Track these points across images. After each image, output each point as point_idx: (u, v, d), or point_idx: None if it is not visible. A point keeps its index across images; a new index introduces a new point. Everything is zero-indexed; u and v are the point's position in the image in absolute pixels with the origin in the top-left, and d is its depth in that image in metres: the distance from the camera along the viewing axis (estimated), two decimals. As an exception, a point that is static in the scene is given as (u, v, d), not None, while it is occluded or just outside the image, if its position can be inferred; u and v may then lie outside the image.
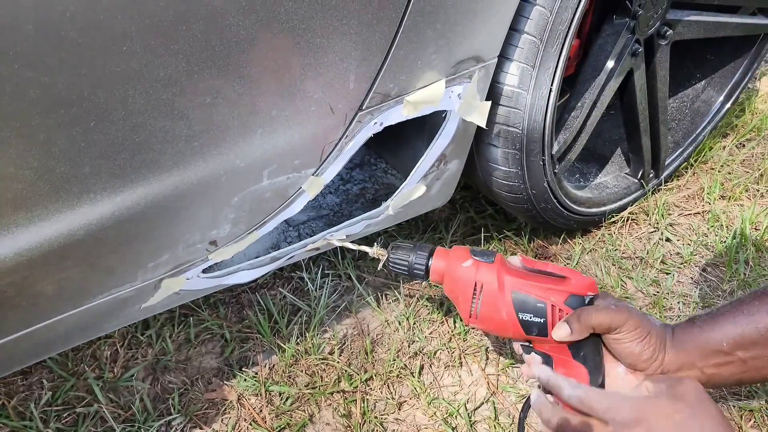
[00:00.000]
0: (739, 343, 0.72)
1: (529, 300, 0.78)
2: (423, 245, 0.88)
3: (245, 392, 1.11)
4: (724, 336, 0.73)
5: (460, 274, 0.82)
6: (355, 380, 1.12)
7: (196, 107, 0.68)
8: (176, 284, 0.87)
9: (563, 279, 0.79)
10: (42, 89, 0.56)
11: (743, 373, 0.74)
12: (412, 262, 0.87)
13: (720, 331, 0.73)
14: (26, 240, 0.65)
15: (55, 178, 0.63)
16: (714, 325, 0.74)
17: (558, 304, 0.77)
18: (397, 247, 0.90)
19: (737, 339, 0.72)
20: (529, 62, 0.98)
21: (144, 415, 1.07)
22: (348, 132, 0.85)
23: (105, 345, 1.18)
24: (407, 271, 0.88)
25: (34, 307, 0.75)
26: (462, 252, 0.85)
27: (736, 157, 1.68)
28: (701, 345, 0.74)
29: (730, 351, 0.72)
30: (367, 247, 0.94)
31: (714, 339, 0.73)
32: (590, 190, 1.43)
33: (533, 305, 0.78)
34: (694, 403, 0.66)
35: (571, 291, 0.77)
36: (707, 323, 0.75)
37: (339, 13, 0.72)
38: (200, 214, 0.79)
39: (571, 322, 0.76)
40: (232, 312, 1.26)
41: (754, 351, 0.72)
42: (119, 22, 0.57)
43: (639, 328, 0.74)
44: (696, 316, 0.78)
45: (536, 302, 0.77)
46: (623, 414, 0.67)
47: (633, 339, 0.74)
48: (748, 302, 0.74)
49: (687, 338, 0.75)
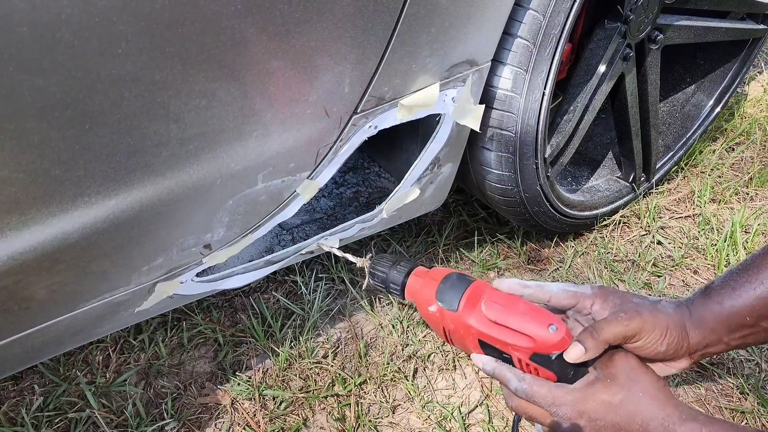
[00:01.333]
0: (763, 314, 0.69)
1: (496, 349, 0.74)
2: (404, 262, 0.83)
3: (239, 396, 1.11)
4: (746, 309, 0.70)
5: (427, 313, 0.78)
6: (349, 384, 1.12)
7: (191, 110, 0.68)
8: (170, 288, 0.86)
9: (528, 337, 0.72)
10: (37, 91, 0.56)
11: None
12: (389, 277, 0.82)
13: (741, 303, 0.70)
14: (19, 243, 0.65)
15: (49, 181, 0.62)
16: (734, 298, 0.70)
17: (523, 359, 0.73)
18: (378, 259, 0.85)
19: (760, 311, 0.69)
20: (522, 66, 0.99)
21: (137, 420, 1.06)
22: (343, 135, 0.85)
23: (97, 350, 1.17)
24: (384, 286, 0.83)
25: (26, 311, 0.74)
26: (431, 284, 0.77)
27: (726, 161, 1.69)
28: (724, 321, 0.71)
29: (755, 323, 0.70)
30: (353, 257, 0.91)
31: (737, 314, 0.70)
32: (582, 193, 1.43)
33: (500, 354, 0.74)
34: (626, 383, 0.66)
35: (534, 350, 0.71)
36: (726, 296, 0.71)
37: (334, 16, 0.72)
38: (195, 218, 0.79)
39: (584, 341, 0.70)
40: (225, 316, 1.26)
41: None
42: (114, 25, 0.57)
43: (656, 329, 0.70)
44: (711, 288, 0.73)
45: (502, 353, 0.74)
46: (565, 410, 0.68)
47: (654, 342, 0.70)
48: (761, 267, 0.70)
49: (708, 316, 0.71)
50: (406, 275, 0.81)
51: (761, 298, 0.69)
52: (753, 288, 0.70)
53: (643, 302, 0.74)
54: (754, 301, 0.69)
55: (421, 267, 0.82)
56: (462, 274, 0.78)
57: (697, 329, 0.71)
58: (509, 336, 0.71)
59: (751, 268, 0.71)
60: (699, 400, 1.11)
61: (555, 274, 1.36)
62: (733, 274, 0.72)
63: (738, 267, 0.73)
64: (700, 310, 0.72)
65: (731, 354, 1.19)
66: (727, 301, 0.71)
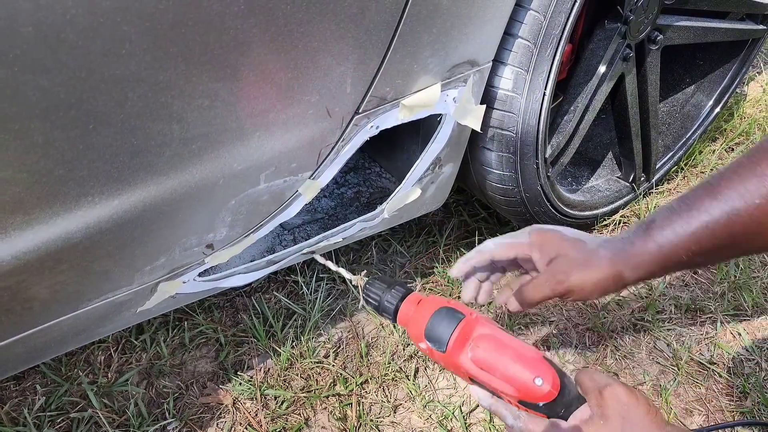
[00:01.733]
0: (697, 251, 0.68)
1: (486, 389, 0.75)
2: (399, 286, 0.82)
3: (240, 396, 1.11)
4: (683, 248, 0.68)
5: (417, 346, 0.79)
6: (350, 383, 1.12)
7: (194, 110, 0.68)
8: (172, 288, 0.87)
9: (515, 387, 0.72)
10: (41, 92, 0.56)
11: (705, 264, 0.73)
12: (383, 300, 0.81)
13: (678, 242, 0.68)
14: (23, 243, 0.65)
15: (53, 181, 0.63)
16: (672, 237, 0.68)
17: (513, 402, 0.73)
18: (373, 281, 0.84)
19: (695, 249, 0.68)
20: (523, 66, 0.99)
21: (139, 419, 1.06)
22: (344, 135, 0.86)
23: (99, 350, 1.18)
24: (377, 307, 0.83)
25: (29, 311, 0.74)
26: (420, 321, 0.76)
27: (726, 161, 1.69)
28: (661, 261, 0.70)
29: (690, 260, 0.69)
30: (348, 273, 0.90)
31: (674, 254, 0.69)
32: (582, 193, 1.44)
33: (491, 391, 0.75)
34: (618, 422, 0.65)
35: (520, 399, 0.72)
36: (665, 236, 0.69)
37: (336, 17, 0.72)
38: (197, 218, 0.79)
39: (511, 305, 0.81)
40: (226, 316, 1.26)
41: (710, 257, 0.69)
42: (118, 26, 0.57)
43: (586, 288, 0.72)
44: (651, 227, 0.70)
45: (492, 392, 0.75)
46: None
47: (586, 296, 0.73)
48: (698, 200, 0.67)
49: (646, 259, 0.70)
50: (400, 300, 0.80)
51: (696, 233, 0.67)
52: (689, 224, 0.67)
53: (577, 257, 0.74)
54: (690, 238, 0.67)
55: (414, 293, 0.82)
56: (451, 310, 0.76)
57: (633, 271, 0.71)
58: (496, 382, 0.72)
59: (689, 200, 0.68)
60: (699, 399, 1.12)
61: (555, 273, 1.36)
62: (674, 210, 0.70)
63: (677, 201, 0.70)
64: (639, 253, 0.71)
65: (732, 353, 1.19)
66: (666, 242, 0.69)
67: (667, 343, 1.22)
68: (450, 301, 0.78)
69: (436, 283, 1.33)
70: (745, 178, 0.62)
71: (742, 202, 0.62)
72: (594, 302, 1.30)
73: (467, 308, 0.77)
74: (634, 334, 1.24)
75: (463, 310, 0.76)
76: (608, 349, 1.21)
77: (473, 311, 0.77)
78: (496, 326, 0.76)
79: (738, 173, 0.63)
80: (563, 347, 1.21)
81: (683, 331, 1.24)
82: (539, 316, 1.27)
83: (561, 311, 1.29)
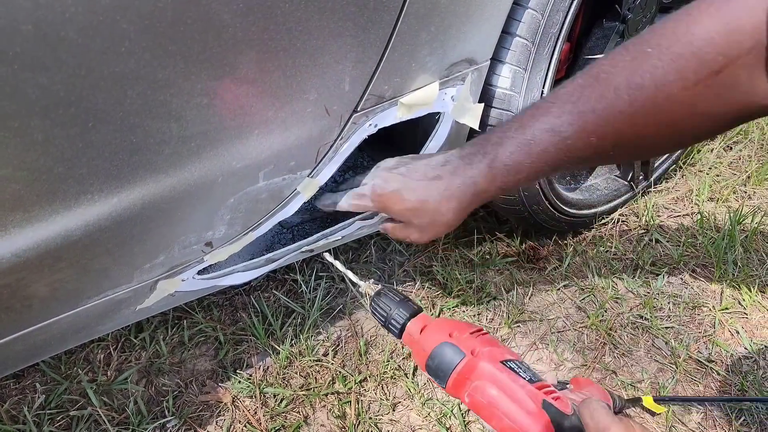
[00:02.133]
0: (532, 178, 0.73)
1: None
2: (409, 303, 0.81)
3: (240, 394, 1.11)
4: (522, 182, 0.73)
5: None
6: (349, 381, 1.12)
7: (192, 108, 0.68)
8: (172, 286, 0.87)
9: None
10: (40, 90, 0.57)
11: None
12: (391, 315, 0.80)
13: (519, 179, 0.72)
14: (23, 241, 0.65)
15: (52, 179, 0.63)
16: (513, 175, 0.72)
17: None
18: (385, 293, 0.83)
19: (525, 182, 0.73)
20: (521, 65, 0.99)
21: (138, 417, 1.06)
22: (343, 133, 0.86)
23: (98, 348, 1.18)
24: (383, 322, 0.81)
25: (28, 309, 0.75)
26: (422, 354, 0.74)
27: (724, 160, 1.70)
28: (501, 191, 0.76)
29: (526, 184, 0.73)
30: (358, 279, 0.88)
31: (514, 186, 0.74)
32: (581, 192, 1.44)
33: None
34: None
35: None
36: (509, 175, 0.73)
37: (335, 15, 0.72)
38: (196, 215, 0.79)
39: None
40: (225, 314, 1.26)
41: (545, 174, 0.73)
42: (117, 24, 0.57)
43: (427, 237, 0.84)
44: (494, 166, 0.74)
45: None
46: None
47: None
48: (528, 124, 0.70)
49: (492, 192, 0.76)
50: (407, 319, 0.79)
51: (533, 164, 0.70)
52: (528, 153, 0.70)
53: (421, 223, 0.81)
54: (528, 175, 0.71)
55: (422, 315, 0.79)
56: (453, 348, 0.73)
57: (480, 202, 0.78)
58: (494, 422, 0.70)
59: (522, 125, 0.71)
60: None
61: (554, 272, 1.37)
62: (510, 137, 0.72)
63: (511, 129, 0.72)
64: (485, 188, 0.75)
65: (730, 351, 1.20)
66: (510, 181, 0.73)
67: (665, 341, 1.22)
68: (455, 328, 0.75)
69: (434, 281, 1.33)
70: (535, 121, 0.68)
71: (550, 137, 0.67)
72: (593, 301, 1.31)
73: (471, 340, 0.74)
74: (632, 332, 1.24)
75: (465, 345, 0.73)
76: (607, 347, 1.21)
77: (476, 345, 0.73)
78: (499, 362, 0.72)
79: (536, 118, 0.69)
80: (562, 345, 1.21)
81: (681, 330, 1.24)
82: (537, 314, 1.27)
83: (559, 309, 1.29)
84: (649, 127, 0.61)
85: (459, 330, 0.74)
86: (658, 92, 0.58)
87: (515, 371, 0.71)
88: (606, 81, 0.62)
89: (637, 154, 0.66)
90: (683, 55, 0.56)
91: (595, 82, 0.63)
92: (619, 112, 0.61)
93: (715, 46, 0.54)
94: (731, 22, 0.53)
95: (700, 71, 0.56)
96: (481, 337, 0.74)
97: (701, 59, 0.55)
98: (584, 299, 1.31)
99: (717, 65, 0.55)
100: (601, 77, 0.62)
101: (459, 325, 0.76)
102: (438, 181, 0.78)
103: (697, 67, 0.56)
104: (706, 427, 1.07)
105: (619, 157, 0.73)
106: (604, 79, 0.62)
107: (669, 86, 0.58)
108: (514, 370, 0.71)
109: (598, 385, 0.92)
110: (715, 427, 1.07)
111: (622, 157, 0.71)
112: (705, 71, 0.55)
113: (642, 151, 0.67)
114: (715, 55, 0.54)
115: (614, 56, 0.62)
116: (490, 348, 0.72)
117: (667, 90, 0.58)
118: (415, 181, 0.80)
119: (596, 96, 0.62)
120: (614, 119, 0.62)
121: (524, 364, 0.73)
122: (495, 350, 0.72)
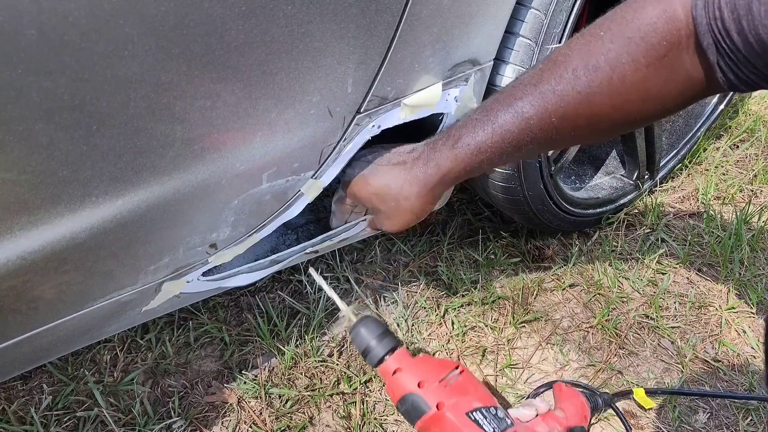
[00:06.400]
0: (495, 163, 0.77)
1: None
2: (389, 339, 0.77)
3: (245, 395, 1.11)
4: (485, 168, 0.78)
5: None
6: (354, 382, 1.12)
7: (196, 111, 0.68)
8: (176, 287, 0.87)
9: None
10: (44, 93, 0.57)
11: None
12: (370, 347, 0.77)
13: (482, 161, 0.76)
14: (28, 243, 0.66)
15: (57, 182, 0.63)
16: (477, 156, 0.76)
17: None
18: (365, 324, 0.78)
19: (486, 167, 0.78)
20: (524, 65, 0.99)
21: (144, 418, 1.07)
22: (346, 135, 0.86)
23: (104, 349, 1.18)
24: (362, 351, 0.79)
25: (34, 311, 0.75)
26: (393, 397, 0.74)
27: (730, 158, 1.69)
28: (463, 177, 0.80)
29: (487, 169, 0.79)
30: (342, 303, 0.83)
31: (477, 171, 0.79)
32: (586, 191, 1.44)
33: None
34: None
35: None
36: (471, 159, 0.76)
37: (337, 17, 0.72)
38: (200, 217, 0.80)
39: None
40: (231, 315, 1.27)
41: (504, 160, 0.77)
42: (121, 27, 0.58)
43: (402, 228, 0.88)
44: (457, 152, 0.77)
45: None
46: None
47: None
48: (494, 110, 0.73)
49: (453, 178, 0.80)
50: (387, 353, 0.76)
51: (493, 145, 0.74)
52: (490, 136, 0.73)
53: (387, 210, 0.85)
54: (491, 156, 0.75)
55: (400, 352, 0.76)
56: (418, 400, 0.71)
57: (444, 188, 0.81)
58: None
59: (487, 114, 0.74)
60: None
61: (559, 272, 1.36)
62: (476, 124, 0.75)
63: (478, 116, 0.75)
64: (449, 170, 0.78)
65: (736, 351, 1.19)
66: (474, 161, 0.76)
67: (671, 340, 1.22)
68: (426, 376, 0.72)
69: (439, 281, 1.33)
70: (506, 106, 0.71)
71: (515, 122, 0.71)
72: (598, 300, 1.30)
73: (439, 390, 0.71)
74: (638, 331, 1.24)
75: (432, 396, 0.70)
76: (612, 346, 1.21)
77: (443, 397, 0.70)
78: (465, 413, 0.70)
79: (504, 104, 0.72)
80: (567, 345, 1.21)
81: (688, 329, 1.24)
82: (543, 314, 1.27)
83: (565, 309, 1.29)
84: (604, 107, 0.65)
85: (430, 378, 0.72)
86: (614, 73, 0.62)
87: (479, 424, 0.69)
88: (564, 63, 0.65)
89: (594, 135, 0.71)
90: (633, 39, 0.60)
91: (554, 66, 0.66)
92: (577, 92, 0.64)
93: (658, 32, 0.58)
94: (668, 10, 0.57)
95: (649, 54, 0.60)
96: (452, 384, 0.72)
97: (648, 43, 0.59)
98: (590, 299, 1.31)
99: (662, 49, 0.59)
100: (559, 60, 0.66)
101: (431, 370, 0.73)
102: (401, 166, 0.82)
103: (645, 50, 0.60)
104: (712, 427, 1.07)
105: (577, 139, 0.77)
106: (562, 62, 0.66)
107: (622, 67, 0.61)
108: (479, 422, 0.69)
109: (579, 397, 0.86)
110: (722, 427, 1.07)
111: (582, 139, 0.75)
112: (653, 54, 0.60)
113: (598, 133, 0.71)
114: (660, 40, 0.58)
115: (571, 41, 0.66)
116: (457, 399, 0.70)
117: (620, 71, 0.62)
118: (380, 166, 0.85)
119: (556, 77, 0.66)
120: (572, 99, 0.65)
121: (494, 410, 0.71)
122: (462, 401, 0.70)
